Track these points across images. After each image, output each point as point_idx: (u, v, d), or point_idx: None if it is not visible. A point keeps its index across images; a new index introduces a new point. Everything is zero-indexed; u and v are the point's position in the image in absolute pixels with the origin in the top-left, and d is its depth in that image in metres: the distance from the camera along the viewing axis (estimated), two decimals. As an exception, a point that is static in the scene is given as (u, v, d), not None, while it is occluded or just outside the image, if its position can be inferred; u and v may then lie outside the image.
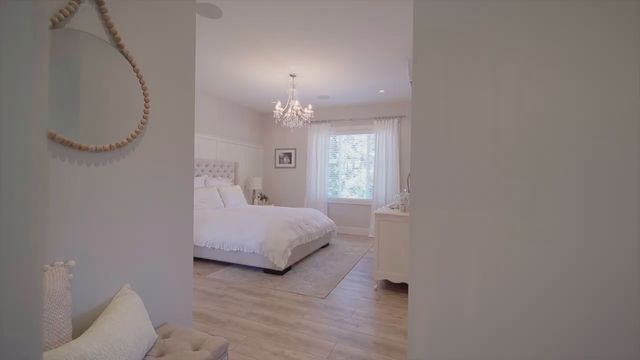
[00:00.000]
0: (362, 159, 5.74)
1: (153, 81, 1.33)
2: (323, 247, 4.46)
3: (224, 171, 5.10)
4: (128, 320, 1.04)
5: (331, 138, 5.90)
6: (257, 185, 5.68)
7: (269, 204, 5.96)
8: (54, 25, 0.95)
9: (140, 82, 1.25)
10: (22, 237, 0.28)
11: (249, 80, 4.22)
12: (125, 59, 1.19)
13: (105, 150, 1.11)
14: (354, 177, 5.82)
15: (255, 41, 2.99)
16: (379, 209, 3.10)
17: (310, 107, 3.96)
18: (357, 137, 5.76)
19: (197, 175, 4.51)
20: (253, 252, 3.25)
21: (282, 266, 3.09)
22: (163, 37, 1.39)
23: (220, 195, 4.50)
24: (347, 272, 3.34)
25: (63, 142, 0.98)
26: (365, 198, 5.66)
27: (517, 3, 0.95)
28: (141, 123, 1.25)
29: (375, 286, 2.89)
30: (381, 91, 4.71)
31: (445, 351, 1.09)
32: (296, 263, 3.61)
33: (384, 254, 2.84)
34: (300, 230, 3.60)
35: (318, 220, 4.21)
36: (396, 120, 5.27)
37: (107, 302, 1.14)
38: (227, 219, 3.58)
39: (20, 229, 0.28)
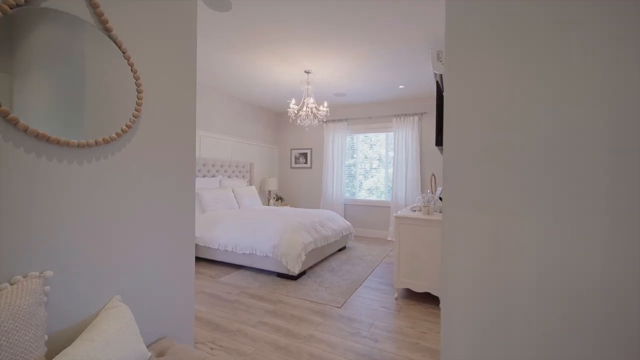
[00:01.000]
0: (379, 159, 5.49)
1: (148, 71, 1.21)
2: (339, 250, 4.27)
3: (239, 172, 5.03)
4: (111, 339, 0.91)
5: (348, 137, 5.69)
6: (272, 185, 5.58)
7: (285, 205, 5.84)
8: (26, 2, 0.84)
9: (132, 71, 1.12)
10: None
11: (262, 79, 4.11)
12: (114, 44, 1.06)
13: (90, 145, 0.99)
14: (371, 177, 5.58)
15: (267, 36, 2.86)
16: (399, 212, 2.87)
17: (325, 104, 3.79)
18: (375, 136, 5.53)
19: (212, 176, 4.46)
20: (266, 256, 3.11)
21: (295, 271, 2.93)
22: (159, 23, 1.26)
23: (234, 195, 4.42)
24: (364, 279, 3.13)
25: (38, 136, 0.87)
26: (383, 199, 5.41)
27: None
28: (133, 116, 1.13)
29: (396, 295, 2.66)
30: (401, 87, 4.46)
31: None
32: (311, 267, 3.44)
33: (405, 260, 2.61)
34: (316, 232, 3.43)
35: (334, 222, 4.03)
36: (416, 118, 4.98)
37: (93, 317, 1.02)
38: (240, 220, 3.48)
39: None
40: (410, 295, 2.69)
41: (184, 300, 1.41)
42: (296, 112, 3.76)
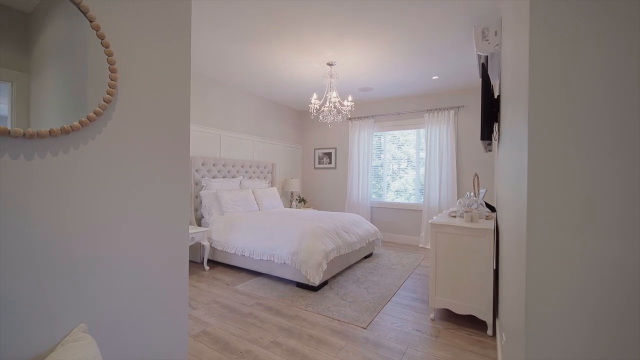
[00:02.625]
0: (408, 159, 5.05)
1: (124, 47, 0.98)
2: (365, 257, 3.92)
3: (261, 172, 4.87)
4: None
5: (375, 135, 5.32)
6: (295, 187, 5.36)
7: (308, 207, 5.59)
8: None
9: (103, 46, 0.90)
10: None
11: (282, 74, 3.89)
12: (77, 9, 0.85)
13: (42, 136, 0.78)
14: (399, 178, 5.15)
15: (285, 23, 2.61)
16: (435, 218, 2.48)
17: (350, 98, 3.47)
18: (403, 134, 5.09)
19: (233, 177, 4.32)
20: (284, 263, 2.86)
21: (316, 282, 2.65)
22: (142, -11, 1.04)
23: (254, 197, 4.24)
24: (394, 293, 2.76)
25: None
26: (414, 202, 4.96)
27: None
28: (104, 101, 0.91)
29: (432, 316, 2.28)
30: (434, 78, 4.02)
31: None
32: (334, 277, 3.14)
33: (444, 276, 2.22)
34: (339, 238, 3.13)
35: (359, 226, 3.69)
36: (452, 112, 4.49)
37: (49, 352, 0.81)
38: (257, 223, 3.27)
39: None
40: (450, 317, 2.29)
41: (173, 329, 1.18)
42: (318, 107, 3.48)
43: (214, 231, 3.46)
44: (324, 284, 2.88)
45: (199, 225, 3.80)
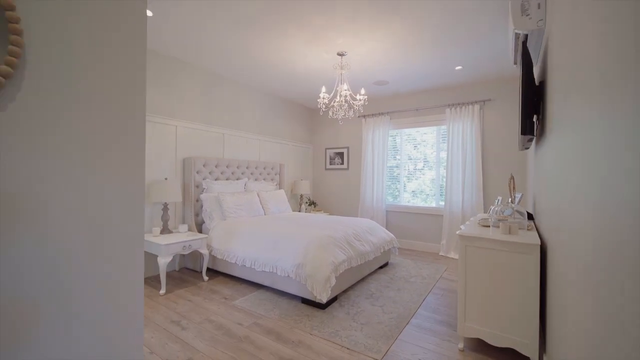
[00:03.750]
0: (425, 160, 4.62)
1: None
2: (380, 267, 3.54)
3: (267, 174, 4.59)
4: None
5: (391, 133, 4.93)
6: (304, 189, 5.05)
7: (318, 210, 5.27)
8: None
9: (-7, -10, 0.61)
10: None
11: (289, 67, 3.59)
12: None
13: None
14: (415, 179, 4.74)
15: (289, 7, 2.30)
16: (463, 227, 2.09)
17: (363, 91, 3.12)
18: (423, 131, 4.68)
19: (237, 179, 4.06)
20: (288, 276, 2.55)
21: (323, 299, 2.31)
22: None
23: (260, 200, 3.96)
24: (413, 312, 2.39)
25: None
26: (434, 206, 4.53)
27: None
28: (6, 64, 0.62)
29: (461, 346, 1.89)
30: (458, 68, 3.60)
31: None
32: (344, 291, 2.80)
33: (476, 299, 1.84)
34: (350, 248, 2.78)
35: (374, 234, 3.33)
36: (477, 107, 4.05)
37: None
38: (260, 230, 2.97)
39: None
40: (483, 349, 1.90)
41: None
42: (327, 102, 3.16)
43: (214, 238, 3.20)
44: (332, 300, 2.55)
45: (200, 231, 3.56)
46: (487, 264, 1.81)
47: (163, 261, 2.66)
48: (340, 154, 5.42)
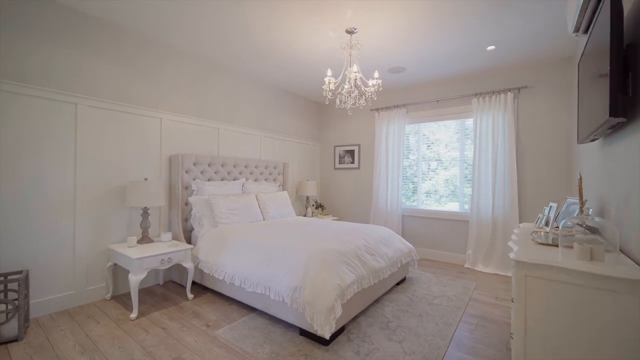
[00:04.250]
0: (445, 157, 4.03)
1: None
2: (397, 283, 3.00)
3: (269, 173, 4.12)
4: None
5: (407, 129, 4.37)
6: (311, 191, 4.55)
7: (326, 214, 4.76)
8: None
9: None
10: None
11: (292, 51, 3.10)
12: None
13: None
14: (429, 179, 4.16)
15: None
16: (517, 250, 1.54)
17: (376, 74, 2.59)
18: (444, 125, 4.09)
19: (234, 179, 3.60)
20: (283, 301, 2.05)
21: (326, 334, 1.80)
22: None
23: (258, 203, 3.49)
24: (443, 354, 1.85)
25: None
26: (457, 211, 3.94)
27: None
28: None
29: (518, 416, 1.34)
30: (490, 48, 3.02)
31: None
32: (354, 318, 2.28)
33: (539, 349, 1.29)
34: (361, 265, 2.26)
35: (389, 245, 2.80)
36: (510, 95, 3.45)
37: None
38: (254, 240, 2.49)
39: None
40: (550, 421, 1.34)
41: None
42: (334, 88, 2.64)
43: (202, 248, 2.75)
44: (339, 331, 2.03)
45: (189, 239, 3.11)
46: (558, 302, 1.26)
47: (135, 279, 2.22)
48: (351, 152, 4.89)
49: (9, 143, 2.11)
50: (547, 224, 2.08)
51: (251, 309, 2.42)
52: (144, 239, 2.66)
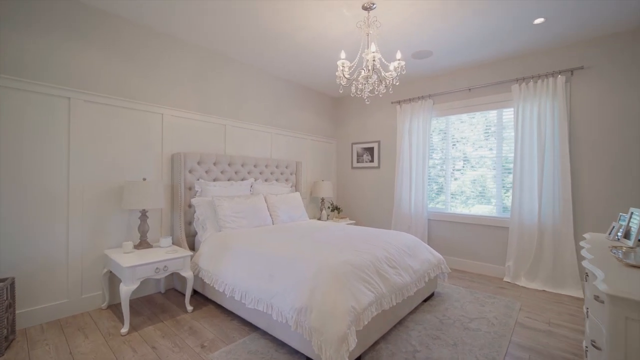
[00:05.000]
0: (465, 158, 3.52)
1: None
2: (424, 300, 2.59)
3: (281, 173, 3.83)
4: None
5: (434, 122, 3.91)
6: (326, 192, 4.21)
7: (343, 217, 4.40)
8: None
9: None
10: None
11: (303, 36, 2.78)
12: None
13: None
14: (454, 180, 3.66)
15: None
16: (606, 279, 1.11)
17: (399, 55, 2.20)
18: (478, 117, 3.59)
19: (242, 180, 3.34)
20: (286, 323, 1.73)
21: (336, 369, 1.45)
22: None
23: (267, 206, 3.20)
24: (488, 401, 1.43)
25: None
26: (494, 215, 3.43)
27: None
28: None
29: None
30: (538, 21, 2.53)
31: None
32: (373, 346, 1.90)
33: None
34: (381, 281, 1.89)
35: (415, 255, 2.40)
36: (561, 79, 2.91)
37: None
38: (258, 247, 2.19)
39: None
40: None
41: None
42: (348, 75, 2.29)
43: (203, 255, 2.49)
44: (354, 362, 1.67)
45: (192, 245, 2.88)
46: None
47: (126, 289, 1.99)
48: (370, 150, 4.50)
49: (-4, 140, 1.96)
50: (626, 236, 1.59)
51: (253, 327, 2.12)
52: (142, 244, 2.44)
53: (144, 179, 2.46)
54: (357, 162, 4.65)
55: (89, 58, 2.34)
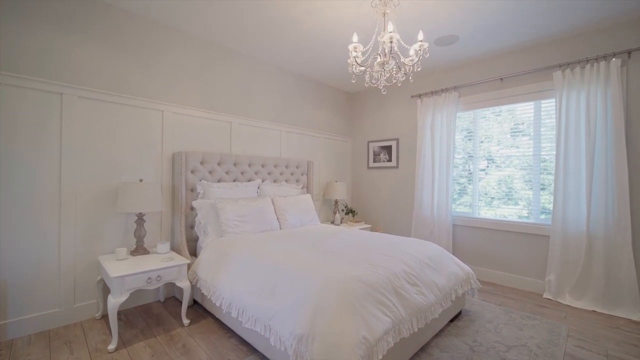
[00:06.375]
0: (489, 157, 3.10)
1: None
2: (451, 320, 2.24)
3: (291, 174, 3.58)
4: None
5: (459, 117, 3.53)
6: (340, 193, 3.93)
7: (357, 222, 4.09)
8: None
9: None
10: None
11: (312, 20, 2.51)
12: None
13: None
14: (477, 181, 3.24)
15: None
16: None
17: (421, 36, 1.88)
18: (510, 111, 3.18)
19: (249, 180, 3.13)
20: (285, 350, 1.46)
21: (343, 417, 1.17)
22: None
23: (275, 209, 2.97)
24: None
25: None
26: (531, 222, 3.00)
27: None
28: None
29: None
30: (588, -7, 2.12)
31: None
32: (389, 377, 1.60)
33: None
34: (398, 303, 1.59)
35: (439, 268, 2.07)
36: (617, 62, 2.47)
37: None
38: (258, 257, 1.95)
39: None
40: None
41: None
42: (360, 61, 1.99)
43: (202, 263, 2.28)
44: (366, 401, 1.38)
45: (193, 251, 2.69)
46: None
47: (114, 302, 1.81)
48: (387, 148, 4.16)
49: (-18, 139, 1.84)
50: None
51: (252, 349, 1.87)
52: (138, 249, 2.27)
53: (141, 180, 2.29)
54: (374, 161, 4.32)
55: (83, 51, 2.20)
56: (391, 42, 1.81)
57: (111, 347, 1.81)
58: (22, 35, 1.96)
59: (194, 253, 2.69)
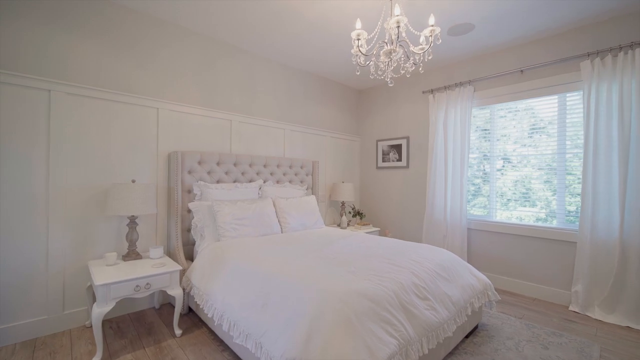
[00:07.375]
0: (505, 157, 2.84)
1: None
2: (467, 335, 2.03)
3: (295, 174, 3.42)
4: None
5: (475, 114, 3.29)
6: (347, 195, 3.75)
7: (365, 224, 3.90)
8: None
9: None
10: None
11: (314, 11, 2.34)
12: None
13: None
14: (495, 179, 2.98)
15: None
16: None
17: (432, 20, 1.68)
18: (532, 106, 2.92)
19: (250, 181, 2.99)
20: (278, 374, 1.30)
21: None
22: None
23: (276, 211, 2.81)
24: None
25: None
26: (556, 226, 2.74)
27: None
28: None
29: None
30: (624, -31, 1.87)
31: None
32: (395, 405, 1.41)
33: None
34: (406, 321, 1.40)
35: (453, 278, 1.86)
36: (654, 49, 2.19)
37: None
38: (253, 265, 1.79)
39: None
40: None
41: None
42: (364, 50, 1.81)
43: (196, 269, 2.15)
44: None
45: (189, 255, 2.56)
46: None
47: (98, 311, 1.68)
48: (397, 147, 3.95)
49: (-35, 137, 1.76)
50: None
51: (245, 366, 1.72)
52: (130, 254, 2.16)
53: (133, 181, 2.17)
54: (383, 161, 4.12)
55: (70, 45, 2.10)
56: (398, 26, 1.62)
57: (96, 359, 1.69)
58: (6, 26, 1.87)
59: (191, 257, 2.56)
